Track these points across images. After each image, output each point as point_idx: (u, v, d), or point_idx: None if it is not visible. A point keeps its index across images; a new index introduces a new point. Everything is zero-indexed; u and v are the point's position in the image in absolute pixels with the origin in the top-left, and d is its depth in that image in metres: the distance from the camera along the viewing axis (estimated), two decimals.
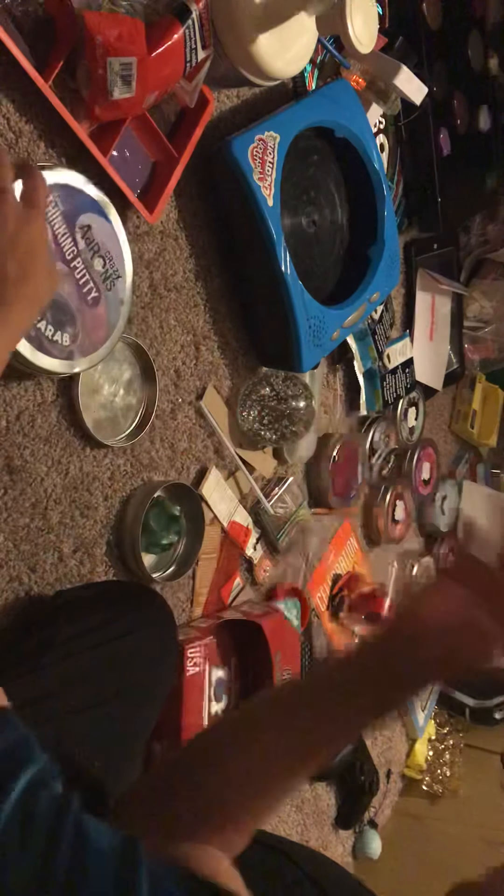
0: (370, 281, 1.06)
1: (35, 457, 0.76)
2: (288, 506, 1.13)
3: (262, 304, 0.98)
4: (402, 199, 1.38)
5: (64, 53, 0.70)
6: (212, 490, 0.99)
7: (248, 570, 1.10)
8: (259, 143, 0.88)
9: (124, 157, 0.82)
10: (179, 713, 0.90)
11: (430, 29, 1.30)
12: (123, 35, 0.67)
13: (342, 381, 1.32)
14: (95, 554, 0.84)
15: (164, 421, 0.92)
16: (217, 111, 0.93)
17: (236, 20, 0.80)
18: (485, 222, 1.73)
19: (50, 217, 0.68)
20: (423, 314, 1.52)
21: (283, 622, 1.06)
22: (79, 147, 0.74)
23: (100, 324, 0.74)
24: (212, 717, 0.98)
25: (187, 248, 0.93)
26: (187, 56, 0.74)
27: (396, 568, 1.58)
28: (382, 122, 1.28)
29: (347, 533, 1.37)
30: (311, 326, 0.97)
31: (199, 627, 0.97)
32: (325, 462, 1.22)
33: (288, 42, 0.86)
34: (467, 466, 1.98)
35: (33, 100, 0.71)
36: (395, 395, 1.42)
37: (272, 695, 0.64)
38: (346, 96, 0.99)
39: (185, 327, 0.94)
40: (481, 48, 1.51)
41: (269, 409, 1.02)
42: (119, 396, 0.85)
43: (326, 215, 1.03)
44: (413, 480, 1.58)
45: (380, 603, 1.32)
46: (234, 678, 1.03)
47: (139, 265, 0.86)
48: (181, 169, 0.85)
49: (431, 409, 1.69)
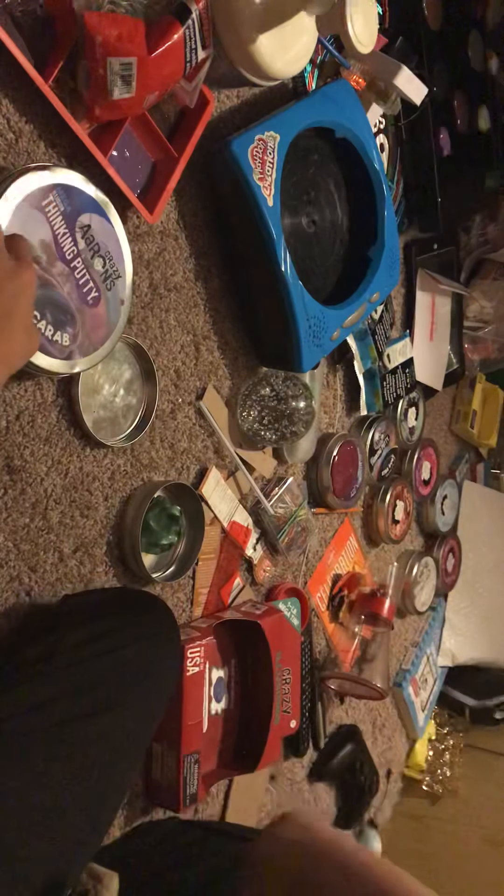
0: (370, 281, 1.06)
1: (35, 457, 0.76)
2: (288, 506, 1.13)
3: (262, 304, 0.98)
4: (402, 199, 1.38)
5: (64, 53, 0.70)
6: (212, 490, 0.99)
7: (248, 570, 1.10)
8: (259, 143, 0.88)
9: (124, 157, 0.82)
10: (179, 713, 0.90)
11: (430, 29, 1.30)
12: (123, 35, 0.67)
13: (342, 381, 1.32)
14: (95, 554, 0.84)
15: (164, 421, 0.92)
16: (217, 111, 0.93)
17: (236, 20, 0.80)
18: (485, 222, 1.73)
19: (50, 217, 0.68)
20: (423, 314, 1.52)
21: (283, 622, 1.06)
22: (79, 147, 0.74)
23: (100, 324, 0.74)
24: (212, 716, 0.98)
25: (187, 248, 0.93)
26: (187, 56, 0.74)
27: (396, 568, 1.58)
28: (382, 122, 1.28)
29: (347, 533, 1.37)
30: (311, 326, 0.97)
31: (199, 627, 0.97)
32: (325, 462, 1.22)
33: (288, 42, 0.86)
34: (467, 466, 1.98)
35: (33, 100, 0.71)
36: (395, 395, 1.42)
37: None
38: (346, 96, 0.99)
39: (185, 327, 0.94)
40: (481, 48, 1.51)
41: (269, 409, 1.03)
42: (119, 396, 0.85)
43: (326, 215, 1.03)
44: (413, 480, 1.58)
45: (380, 603, 1.33)
46: (234, 678, 1.03)
47: (139, 265, 0.86)
48: (181, 169, 0.85)
49: (431, 409, 1.69)
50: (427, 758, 1.74)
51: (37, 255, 0.66)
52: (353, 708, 1.47)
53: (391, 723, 1.64)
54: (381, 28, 1.20)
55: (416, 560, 1.60)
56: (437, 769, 1.73)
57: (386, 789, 1.61)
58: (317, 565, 1.28)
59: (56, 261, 0.69)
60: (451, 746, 1.77)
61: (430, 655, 1.73)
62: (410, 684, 1.63)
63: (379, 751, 1.58)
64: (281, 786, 1.20)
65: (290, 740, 1.25)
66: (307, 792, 1.32)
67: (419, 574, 1.61)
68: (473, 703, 1.87)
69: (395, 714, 1.65)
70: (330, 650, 1.33)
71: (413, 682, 1.64)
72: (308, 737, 1.28)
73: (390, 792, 1.65)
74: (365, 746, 1.44)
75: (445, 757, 1.75)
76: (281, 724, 1.05)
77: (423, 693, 1.70)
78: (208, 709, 0.97)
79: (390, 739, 1.64)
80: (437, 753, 1.76)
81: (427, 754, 1.75)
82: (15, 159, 0.71)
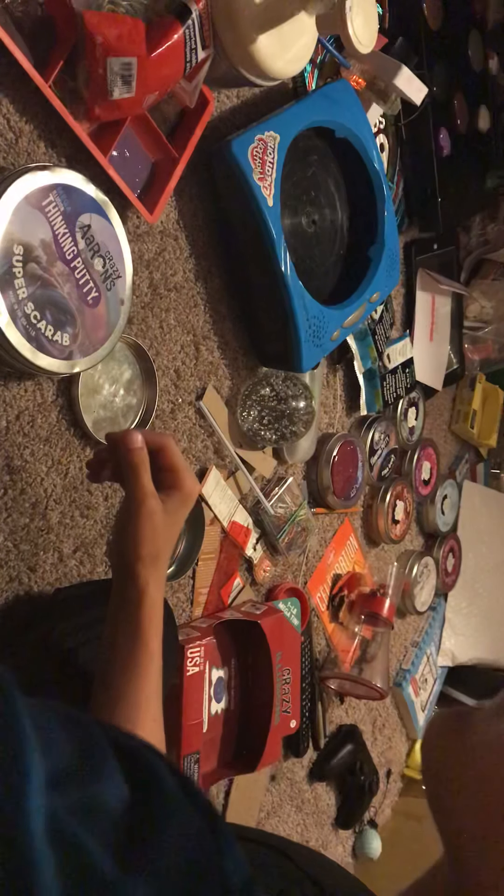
0: (370, 281, 1.06)
1: (35, 457, 0.76)
2: (288, 506, 1.13)
3: (262, 303, 0.98)
4: (402, 199, 1.38)
5: (64, 53, 0.70)
6: (212, 490, 0.99)
7: (248, 570, 1.10)
8: (259, 143, 0.88)
9: (124, 157, 0.82)
10: (179, 713, 0.90)
11: (430, 29, 1.30)
12: (123, 35, 0.67)
13: (342, 381, 1.32)
14: (95, 554, 0.84)
15: (164, 421, 0.92)
16: (217, 111, 0.93)
17: (236, 20, 0.80)
18: (485, 222, 1.73)
19: (50, 217, 0.68)
20: (423, 314, 1.52)
21: (283, 622, 1.06)
22: (79, 147, 0.74)
23: (100, 324, 0.74)
24: (212, 716, 0.98)
25: (187, 248, 0.93)
26: (187, 56, 0.74)
27: (396, 568, 1.58)
28: (382, 122, 1.28)
29: (347, 533, 1.37)
30: (311, 326, 0.97)
31: (199, 627, 0.97)
32: (325, 462, 1.22)
33: (288, 42, 0.86)
34: (467, 466, 1.98)
35: (33, 100, 0.71)
36: (395, 395, 1.42)
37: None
38: (346, 96, 0.99)
39: (185, 327, 0.94)
40: (481, 48, 1.51)
41: (269, 409, 1.02)
42: (119, 396, 0.85)
43: (326, 215, 1.03)
44: (413, 480, 1.58)
45: (380, 603, 1.32)
46: (234, 678, 1.03)
47: (139, 265, 0.86)
48: (181, 169, 0.85)
49: (431, 409, 1.69)
50: None
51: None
52: (353, 708, 1.47)
53: (391, 723, 1.64)
54: (381, 28, 1.20)
55: (416, 560, 1.60)
56: None
57: (386, 789, 1.61)
58: (317, 565, 1.28)
59: (56, 261, 0.69)
60: None
61: (430, 655, 1.73)
62: (410, 684, 1.63)
63: (379, 751, 1.58)
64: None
65: (290, 740, 1.25)
66: (307, 792, 1.32)
67: (419, 574, 1.60)
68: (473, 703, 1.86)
69: (395, 714, 1.65)
70: (330, 650, 1.33)
71: (413, 682, 1.64)
72: (308, 737, 1.28)
73: (390, 792, 1.65)
74: (365, 746, 1.44)
75: None
76: (281, 724, 1.05)
77: (423, 693, 1.70)
78: (208, 709, 0.97)
79: (390, 739, 1.64)
80: None
81: None
82: (15, 159, 0.71)
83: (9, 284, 0.64)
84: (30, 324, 0.66)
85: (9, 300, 0.64)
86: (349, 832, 1.49)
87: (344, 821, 1.44)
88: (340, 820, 1.44)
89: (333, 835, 1.44)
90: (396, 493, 1.47)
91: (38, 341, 0.67)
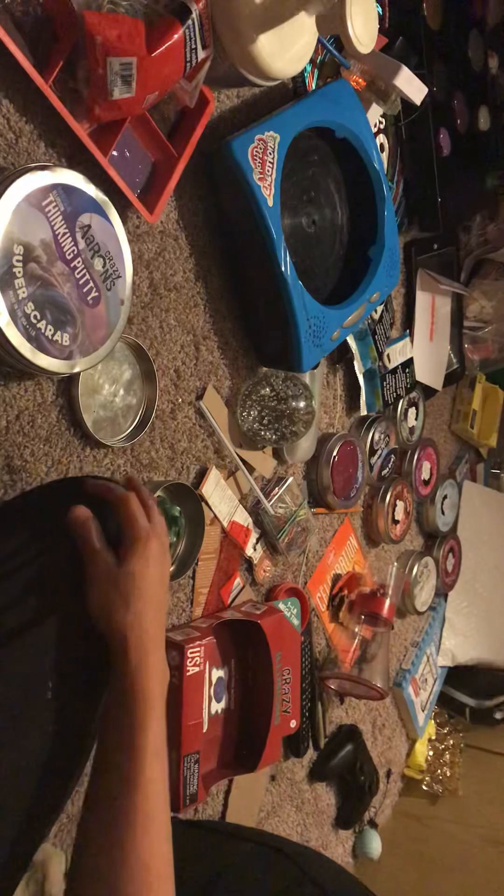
0: (370, 281, 1.06)
1: (35, 457, 0.76)
2: (288, 506, 1.13)
3: (262, 304, 0.98)
4: (402, 199, 1.38)
5: (64, 53, 0.70)
6: (212, 490, 0.99)
7: (248, 570, 1.10)
8: (259, 143, 0.88)
9: (124, 157, 0.82)
10: (179, 713, 0.90)
11: (430, 29, 1.30)
12: (123, 35, 0.67)
13: (342, 381, 1.32)
14: None
15: (164, 421, 0.92)
16: (217, 111, 0.93)
17: (236, 20, 0.80)
18: (485, 222, 1.73)
19: (50, 217, 0.68)
20: (423, 314, 1.52)
21: (283, 622, 1.06)
22: (79, 147, 0.74)
23: (100, 324, 0.74)
24: (212, 716, 0.98)
25: (187, 248, 0.93)
26: (187, 56, 0.74)
27: (396, 568, 1.58)
28: (382, 122, 1.28)
29: (347, 533, 1.37)
30: (311, 326, 0.97)
31: (199, 627, 0.97)
32: (325, 462, 1.22)
33: (288, 42, 0.86)
34: (467, 466, 1.98)
35: (33, 100, 0.71)
36: (395, 395, 1.42)
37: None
38: (346, 96, 0.99)
39: (185, 327, 0.94)
40: (481, 48, 1.51)
41: (269, 409, 1.03)
42: (119, 396, 0.85)
43: (326, 215, 1.03)
44: (413, 480, 1.58)
45: (380, 603, 1.33)
46: (234, 678, 1.03)
47: (139, 265, 0.86)
48: (181, 169, 0.85)
49: (431, 409, 1.69)
50: (427, 758, 1.74)
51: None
52: (353, 708, 1.47)
53: (391, 723, 1.64)
54: (381, 28, 1.20)
55: (416, 560, 1.60)
56: (437, 769, 1.72)
57: (386, 789, 1.62)
58: (317, 565, 1.28)
59: (56, 261, 0.69)
60: (451, 746, 1.77)
61: (430, 655, 1.73)
62: (410, 684, 1.63)
63: (379, 751, 1.58)
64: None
65: (290, 740, 1.25)
66: (307, 792, 1.32)
67: (419, 574, 1.61)
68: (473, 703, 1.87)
69: (395, 714, 1.66)
70: (330, 650, 1.33)
71: (413, 682, 1.64)
72: (308, 737, 1.28)
73: (390, 792, 1.65)
74: (365, 746, 1.44)
75: (445, 757, 1.75)
76: (281, 724, 1.05)
77: (423, 693, 1.70)
78: (208, 709, 0.97)
79: (390, 739, 1.64)
80: (437, 753, 1.76)
81: (427, 754, 1.75)
82: (15, 159, 0.71)
83: (9, 284, 0.64)
84: (30, 324, 0.66)
85: (9, 300, 0.64)
86: (349, 832, 1.49)
87: (344, 821, 1.44)
88: (340, 820, 1.44)
89: (333, 835, 1.44)
90: (396, 493, 1.47)
91: (38, 341, 0.67)
